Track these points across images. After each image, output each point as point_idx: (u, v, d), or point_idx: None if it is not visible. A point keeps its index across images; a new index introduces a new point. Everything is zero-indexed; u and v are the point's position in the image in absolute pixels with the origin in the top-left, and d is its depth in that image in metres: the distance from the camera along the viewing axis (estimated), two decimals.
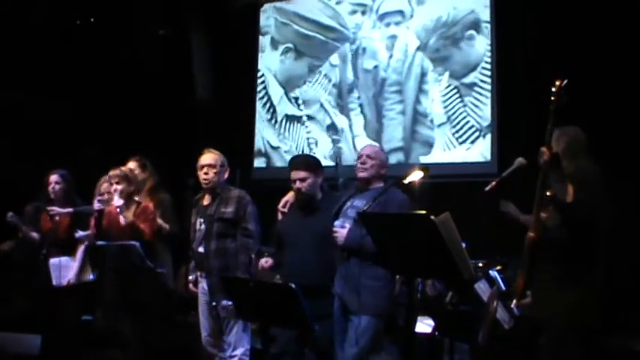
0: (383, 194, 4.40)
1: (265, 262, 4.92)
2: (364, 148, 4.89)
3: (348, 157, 7.35)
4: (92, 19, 8.62)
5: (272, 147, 8.25)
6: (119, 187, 5.35)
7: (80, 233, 5.67)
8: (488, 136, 6.97)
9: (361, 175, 4.68)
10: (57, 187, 6.07)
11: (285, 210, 5.09)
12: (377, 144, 6.25)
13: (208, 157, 5.19)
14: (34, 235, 6.23)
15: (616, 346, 4.99)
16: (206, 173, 5.13)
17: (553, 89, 3.71)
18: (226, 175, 5.25)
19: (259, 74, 8.40)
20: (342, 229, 4.50)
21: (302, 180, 4.84)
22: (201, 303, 5.18)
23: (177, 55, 8.42)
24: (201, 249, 5.12)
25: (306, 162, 5.02)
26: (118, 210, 5.27)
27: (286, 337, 4.62)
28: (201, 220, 5.17)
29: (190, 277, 5.23)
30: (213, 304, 5.02)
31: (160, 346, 5.47)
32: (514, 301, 3.86)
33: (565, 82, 3.70)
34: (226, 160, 5.25)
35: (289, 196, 5.10)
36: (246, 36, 8.49)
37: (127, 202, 5.38)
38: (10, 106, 7.90)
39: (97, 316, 5.69)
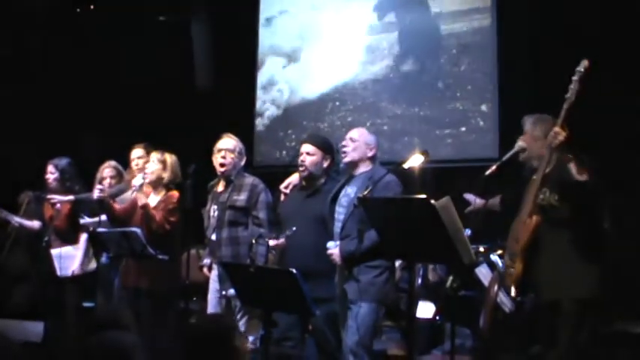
0: (379, 181, 4.37)
1: (275, 241, 4.78)
2: (350, 131, 4.82)
3: None
4: (92, 7, 8.60)
5: None
6: (154, 167, 5.29)
7: (86, 220, 5.68)
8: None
9: (345, 160, 4.65)
10: (51, 177, 6.10)
11: (287, 191, 5.07)
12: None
13: (228, 142, 5.10)
14: (33, 223, 6.28)
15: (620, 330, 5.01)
16: (224, 157, 5.04)
17: (581, 69, 3.66)
18: (242, 163, 5.16)
19: None
20: (335, 250, 4.47)
21: (308, 154, 4.82)
22: (211, 290, 5.13)
23: (178, 41, 8.40)
24: (213, 236, 5.08)
25: (318, 139, 5.02)
26: (133, 187, 5.21)
27: (286, 322, 4.62)
28: (215, 207, 5.11)
29: (205, 261, 5.21)
30: (223, 292, 4.98)
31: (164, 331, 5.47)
32: (513, 289, 3.86)
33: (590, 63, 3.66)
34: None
35: (293, 178, 5.08)
36: (247, 22, 8.47)
37: (156, 186, 5.34)
38: (12, 94, 7.89)
39: (98, 302, 5.71)
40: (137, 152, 5.84)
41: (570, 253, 3.82)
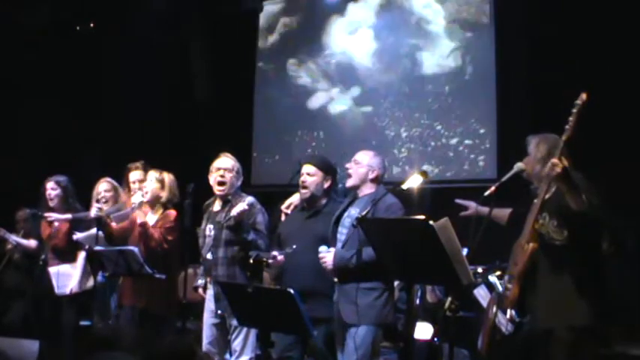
0: (378, 201, 4.36)
1: (274, 257, 4.71)
2: (357, 153, 4.80)
3: None
4: (92, 25, 8.63)
5: None
6: (152, 186, 5.29)
7: (78, 235, 5.66)
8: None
9: (347, 184, 4.64)
10: (53, 193, 6.08)
11: (289, 211, 5.07)
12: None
13: (226, 161, 5.08)
14: (30, 242, 6.26)
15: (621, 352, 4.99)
16: (222, 176, 5.02)
17: (578, 102, 3.64)
18: (239, 182, 5.15)
19: None
20: (328, 254, 4.44)
21: (309, 174, 4.81)
22: (206, 310, 5.10)
23: (176, 59, 8.43)
24: (209, 256, 5.05)
25: (318, 159, 5.00)
26: (133, 205, 5.21)
27: (285, 342, 4.60)
28: (211, 226, 5.09)
29: (200, 282, 5.19)
30: (219, 312, 4.95)
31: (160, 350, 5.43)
32: (508, 312, 3.84)
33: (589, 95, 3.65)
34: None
35: (294, 199, 5.07)
36: (245, 40, 8.50)
37: (153, 205, 5.34)
38: (11, 111, 7.90)
39: (94, 321, 5.68)
40: (136, 175, 5.79)
41: (566, 280, 3.78)
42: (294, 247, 4.57)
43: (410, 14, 7.60)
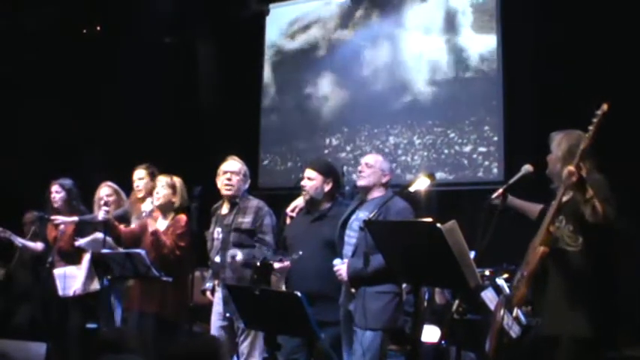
0: (386, 203, 4.35)
1: (280, 263, 4.72)
2: (366, 156, 4.84)
3: None
4: (98, 27, 8.64)
5: None
6: (164, 191, 5.30)
7: (80, 241, 5.66)
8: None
9: (359, 183, 4.65)
10: (57, 196, 6.10)
11: (294, 214, 5.07)
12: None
13: (232, 164, 5.10)
14: (36, 245, 6.26)
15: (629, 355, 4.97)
16: (229, 179, 5.04)
17: (599, 112, 3.60)
18: (247, 186, 5.16)
19: None
20: (342, 266, 4.45)
21: (309, 179, 4.83)
22: (214, 312, 5.11)
23: (183, 62, 8.43)
24: (217, 258, 5.06)
25: (320, 164, 5.02)
26: (144, 214, 5.22)
27: (291, 346, 4.59)
28: (219, 229, 5.10)
29: (207, 285, 5.19)
30: (227, 314, 4.95)
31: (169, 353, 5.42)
32: (514, 310, 3.82)
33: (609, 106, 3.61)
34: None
35: (299, 202, 5.07)
36: (252, 44, 8.51)
37: (165, 210, 5.35)
38: (11, 111, 7.91)
39: (101, 323, 5.68)
40: (139, 174, 5.83)
41: (575, 287, 3.73)
42: (300, 253, 4.57)
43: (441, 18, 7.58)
